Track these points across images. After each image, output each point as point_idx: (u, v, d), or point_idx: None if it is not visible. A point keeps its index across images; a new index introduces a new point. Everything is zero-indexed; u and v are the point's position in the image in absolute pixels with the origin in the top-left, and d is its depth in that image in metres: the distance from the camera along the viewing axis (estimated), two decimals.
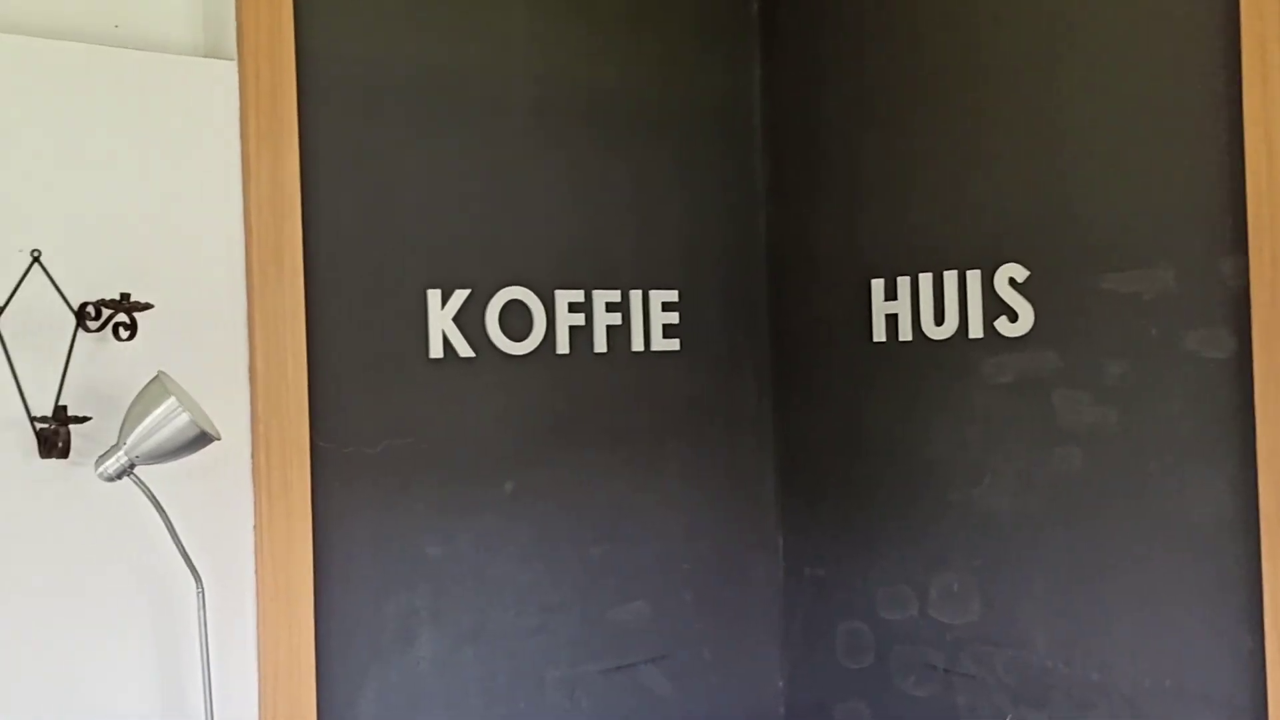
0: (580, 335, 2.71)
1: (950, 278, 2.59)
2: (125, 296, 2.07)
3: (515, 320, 2.61)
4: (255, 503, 2.26)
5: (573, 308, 2.69)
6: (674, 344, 2.84)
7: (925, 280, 2.64)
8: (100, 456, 1.96)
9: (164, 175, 2.17)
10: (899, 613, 2.72)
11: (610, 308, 2.75)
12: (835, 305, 2.85)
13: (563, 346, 2.68)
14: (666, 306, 2.83)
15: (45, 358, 2.03)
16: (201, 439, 1.96)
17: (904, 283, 2.68)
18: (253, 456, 2.26)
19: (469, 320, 2.55)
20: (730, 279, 2.96)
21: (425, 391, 2.49)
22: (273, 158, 2.29)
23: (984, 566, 2.54)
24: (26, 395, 2.01)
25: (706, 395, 2.90)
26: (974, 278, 2.54)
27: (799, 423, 2.96)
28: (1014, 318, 2.47)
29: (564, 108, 2.70)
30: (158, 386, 1.95)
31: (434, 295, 2.50)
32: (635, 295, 2.79)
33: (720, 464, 2.92)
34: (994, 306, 2.50)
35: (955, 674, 2.61)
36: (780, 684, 3.00)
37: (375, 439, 2.42)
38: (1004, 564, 2.51)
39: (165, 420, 1.93)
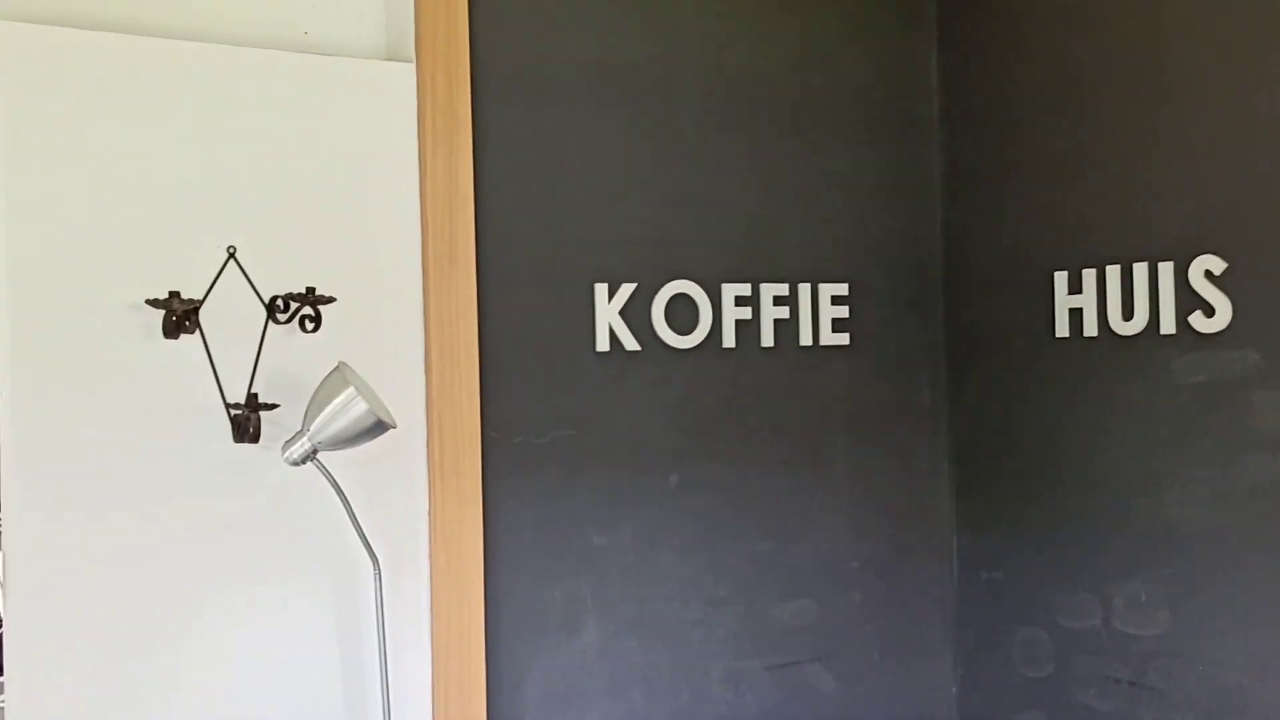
0: (747, 329, 2.69)
1: (1140, 270, 2.45)
2: (311, 290, 2.18)
3: (681, 314, 2.62)
4: (429, 489, 2.34)
5: (739, 301, 2.68)
6: (843, 338, 2.79)
7: (1112, 273, 2.51)
8: (286, 442, 2.07)
9: (346, 174, 2.27)
10: (1081, 621, 2.60)
11: (778, 301, 2.72)
12: (1015, 299, 2.74)
13: (729, 340, 2.67)
14: (836, 300, 2.79)
15: (239, 348, 2.16)
16: (378, 427, 2.04)
17: (1089, 276, 2.55)
18: (427, 444, 2.34)
19: (635, 313, 2.57)
20: (903, 271, 2.88)
21: (591, 384, 2.53)
22: (448, 155, 2.37)
23: (1174, 577, 2.40)
24: (223, 383, 2.14)
25: (877, 391, 2.84)
26: (1166, 270, 2.39)
27: (974, 420, 2.86)
28: (1210, 313, 2.31)
29: (733, 98, 2.68)
30: (338, 376, 2.05)
31: (601, 289, 2.53)
32: (804, 288, 2.75)
33: (891, 462, 2.86)
34: (1188, 300, 2.35)
35: (1141, 688, 2.47)
36: (953, 689, 2.91)
37: (543, 429, 2.47)
38: (1195, 575, 2.36)
39: (345, 409, 2.02)
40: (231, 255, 2.17)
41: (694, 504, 2.63)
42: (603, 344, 2.53)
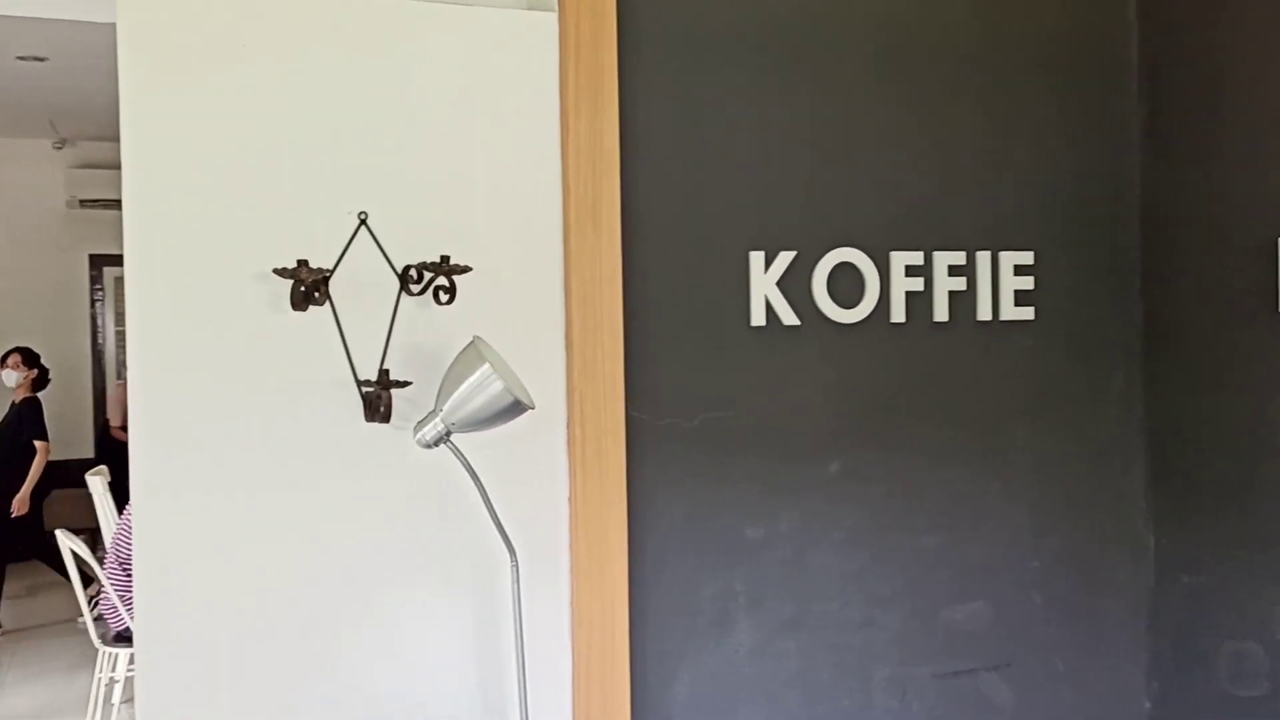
0: (918, 302, 2.43)
1: None
2: (445, 259, 2.03)
3: (845, 285, 2.38)
4: (570, 474, 2.17)
5: (910, 271, 2.42)
6: (1027, 312, 2.50)
7: None
8: (419, 423, 1.93)
9: (483, 133, 2.11)
10: None
11: (953, 271, 2.45)
12: (1229, 270, 2.40)
13: (898, 314, 2.41)
14: (1019, 270, 2.50)
15: (370, 320, 2.03)
16: (515, 408, 1.88)
17: None
18: (568, 426, 2.18)
19: (794, 285, 2.34)
20: (1096, 238, 2.57)
21: (746, 362, 2.31)
22: (591, 112, 2.18)
23: None
24: (353, 358, 2.01)
25: (1064, 371, 2.55)
26: None
27: (1176, 407, 2.54)
28: None
29: (905, 51, 2.42)
30: (473, 352, 1.89)
31: (757, 258, 2.31)
32: (982, 257, 2.47)
33: (1078, 451, 2.56)
34: None
35: None
36: (1146, 705, 2.60)
37: (692, 411, 2.27)
38: None
39: (480, 388, 1.86)
40: (363, 221, 2.03)
41: (857, 494, 2.39)
42: (758, 318, 2.31)
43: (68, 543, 4.26)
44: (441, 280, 2.03)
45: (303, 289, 1.92)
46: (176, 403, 1.92)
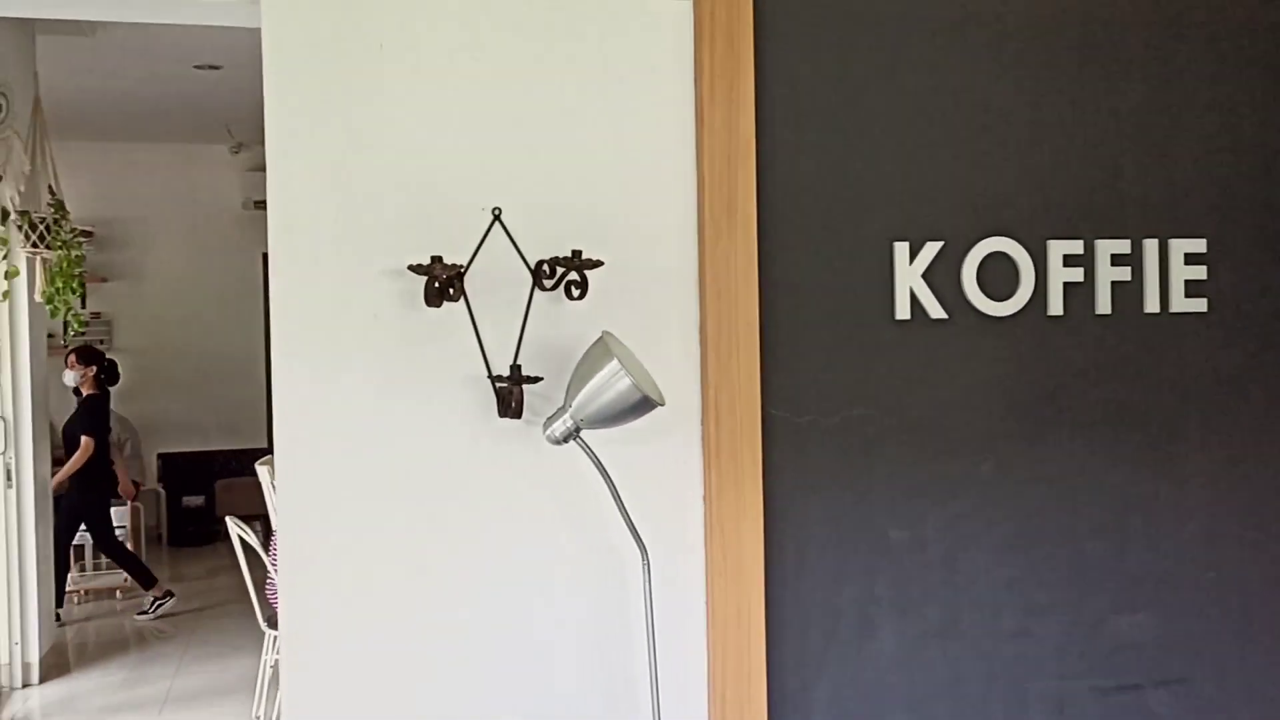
0: (1078, 293, 2.28)
1: None
2: (577, 254, 2.01)
3: (997, 276, 2.25)
4: (704, 473, 2.13)
5: (1069, 261, 2.28)
6: (1199, 304, 2.32)
7: None
8: (548, 418, 1.92)
9: (616, 124, 2.08)
10: None
11: (1117, 260, 2.29)
12: None
13: (1055, 307, 2.27)
14: (1191, 259, 2.32)
15: (503, 316, 2.02)
16: (644, 404, 1.84)
17: None
18: (702, 423, 2.13)
19: (942, 276, 2.23)
20: (1276, 224, 2.36)
21: (889, 357, 2.22)
22: (727, 100, 2.12)
23: None
24: (487, 353, 2.01)
25: (1242, 367, 2.35)
26: None
27: None
28: None
29: (1059, 17, 2.27)
30: (602, 348, 1.86)
31: (901, 248, 2.21)
32: (1149, 245, 2.30)
33: (1259, 453, 2.36)
34: None
35: None
36: None
37: (832, 408, 2.19)
38: None
39: (608, 384, 1.83)
40: (497, 217, 2.03)
41: (1011, 496, 2.27)
42: (903, 311, 2.21)
43: (235, 529, 4.45)
44: (573, 275, 2.00)
45: (437, 285, 1.93)
46: (317, 397, 1.96)
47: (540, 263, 2.02)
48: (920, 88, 2.22)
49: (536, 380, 1.99)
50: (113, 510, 6.79)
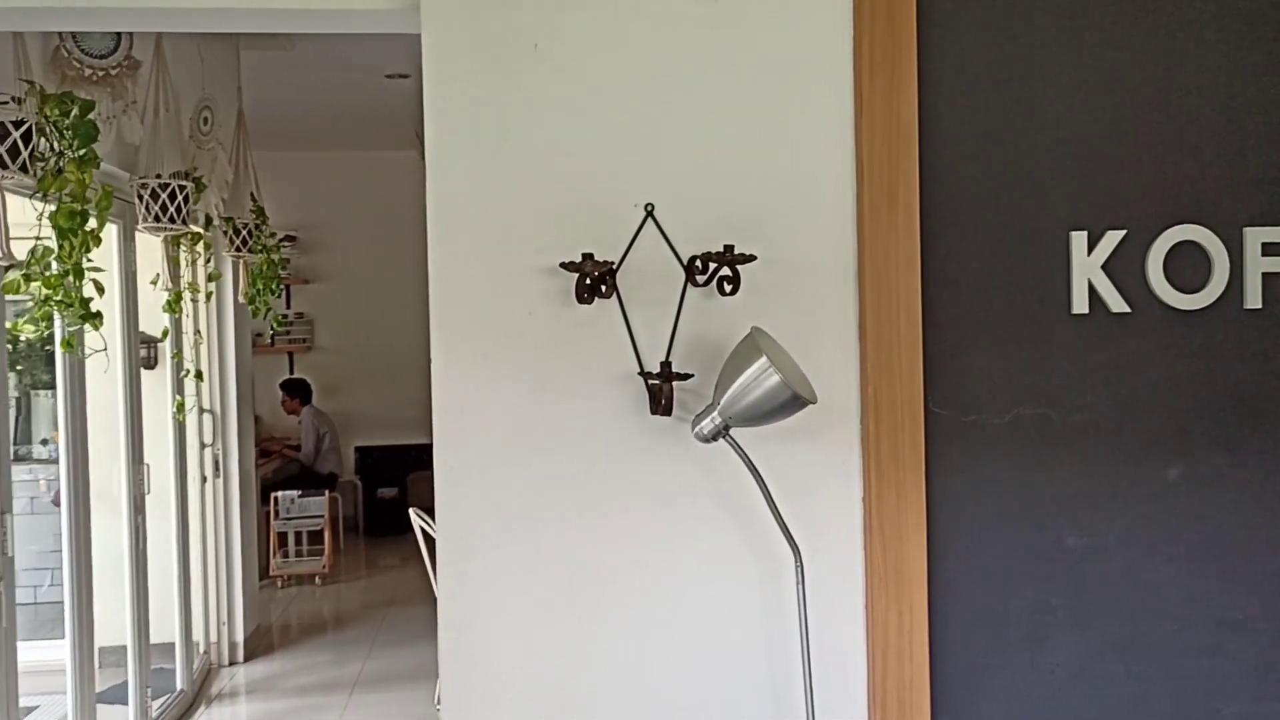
0: (1279, 285, 2.10)
1: None
2: (729, 249, 1.97)
3: (1186, 266, 2.09)
4: (863, 474, 2.05)
5: (1268, 250, 2.09)
6: None
7: None
8: (697, 416, 1.89)
9: (771, 114, 2.03)
10: None
11: None
12: None
13: (1253, 299, 2.09)
14: None
15: (655, 312, 2.01)
16: (795, 402, 1.79)
17: None
18: (861, 422, 2.06)
19: (1124, 267, 2.08)
20: None
21: (1065, 353, 2.09)
22: (888, 86, 2.05)
23: None
24: (640, 349, 2.00)
25: None
26: None
27: None
28: None
29: None
30: (750, 344, 1.82)
31: (1078, 238, 2.08)
32: None
33: None
34: None
35: None
36: None
37: (1002, 407, 2.08)
38: None
39: (757, 381, 1.79)
40: (649, 213, 2.01)
41: (1202, 503, 2.10)
42: (1080, 304, 2.08)
43: (417, 520, 4.62)
44: (725, 270, 1.97)
45: (588, 282, 1.93)
46: (474, 394, 1.99)
47: (693, 258, 2.00)
48: (1101, 66, 2.09)
49: (687, 377, 1.96)
50: (313, 500, 7.17)
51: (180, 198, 3.80)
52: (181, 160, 3.93)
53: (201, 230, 4.55)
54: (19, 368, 5.81)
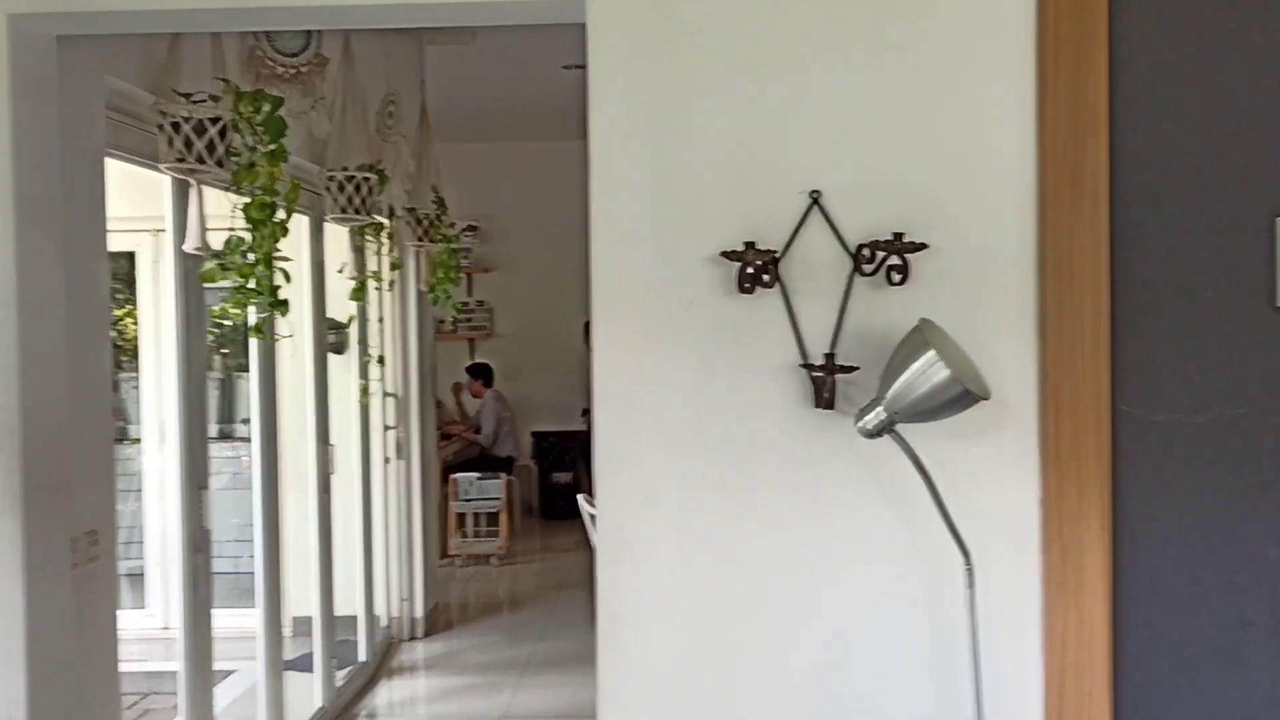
0: None
1: None
2: (898, 237, 1.90)
3: None
4: (1041, 474, 1.95)
5: None
6: None
7: None
8: (861, 410, 1.83)
9: (944, 96, 1.94)
10: None
11: None
12: None
13: None
14: None
15: (820, 302, 1.95)
16: (965, 398, 1.71)
17: None
18: (1040, 419, 1.95)
19: None
20: None
21: (1270, 348, 1.92)
22: (1074, 63, 1.93)
23: None
24: (804, 341, 1.95)
25: None
26: None
27: None
28: None
29: None
30: (918, 337, 1.75)
31: None
32: None
33: None
34: None
35: None
36: None
37: (1196, 405, 1.93)
38: None
39: (925, 375, 1.72)
40: (815, 201, 1.96)
41: None
42: None
43: (586, 507, 4.67)
44: (894, 259, 1.90)
45: (750, 271, 1.90)
46: (633, 383, 1.98)
47: (860, 246, 1.93)
48: None
49: (852, 370, 1.90)
50: (490, 482, 7.37)
51: (365, 189, 3.95)
52: (367, 153, 4.08)
53: (385, 220, 4.72)
54: (224, 351, 6.18)
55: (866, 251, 1.93)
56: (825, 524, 1.98)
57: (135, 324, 5.41)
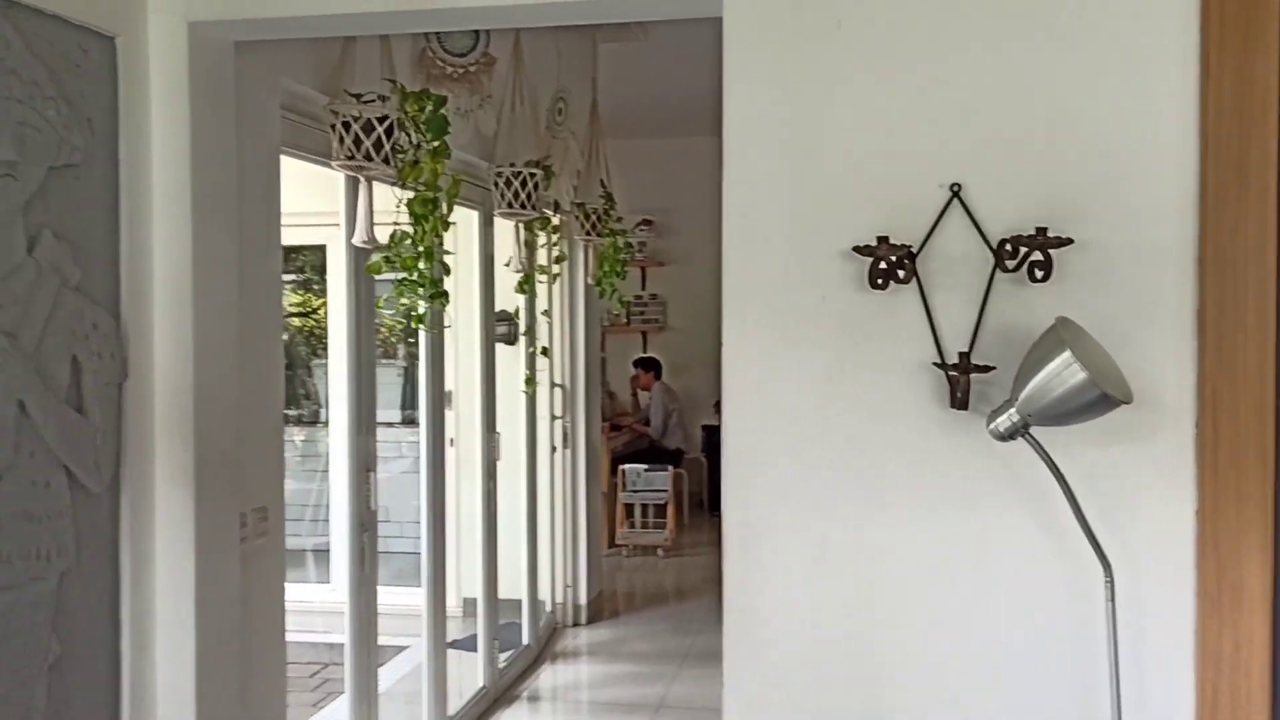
0: None
1: None
2: (1041, 231, 1.82)
3: None
4: (1197, 483, 1.83)
5: None
6: None
7: None
8: (993, 411, 1.76)
9: (1093, 83, 1.85)
10: None
11: None
12: None
13: None
14: None
15: (957, 299, 1.90)
16: (1103, 402, 1.63)
17: None
18: (1197, 426, 1.83)
19: None
20: None
21: None
22: (1240, 45, 1.80)
23: None
24: (941, 339, 1.90)
25: None
26: None
27: None
28: None
29: None
30: (1054, 337, 1.67)
31: None
32: None
33: None
34: None
35: None
36: None
37: None
38: None
39: (1060, 377, 1.64)
40: (955, 194, 1.90)
41: None
42: None
43: None
44: (1036, 255, 1.82)
45: (883, 266, 1.86)
46: (764, 379, 1.97)
47: (1002, 241, 1.86)
48: None
49: (987, 369, 1.84)
50: (658, 474, 7.45)
51: (531, 185, 4.05)
52: (536, 149, 4.18)
53: (551, 215, 4.82)
54: (410, 340, 6.45)
55: (1009, 247, 1.86)
56: (963, 528, 1.92)
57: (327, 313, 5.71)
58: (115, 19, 2.16)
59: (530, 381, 5.03)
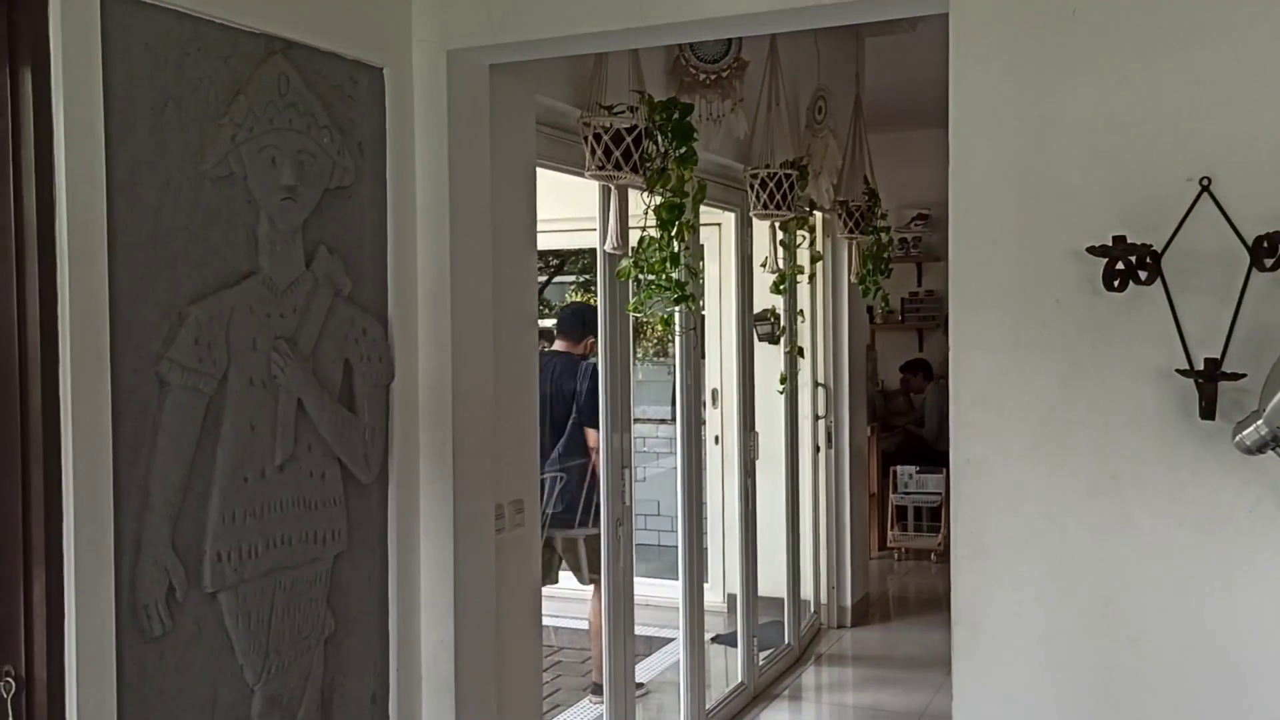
0: None
1: None
2: None
3: None
4: None
5: None
6: None
7: None
8: (1239, 423, 1.63)
9: None
10: None
11: None
12: None
13: None
14: None
15: (1206, 300, 1.76)
16: None
17: None
18: None
19: None
20: None
21: None
22: None
23: None
24: (1189, 344, 1.77)
25: None
26: None
27: None
28: None
29: None
30: None
31: None
32: None
33: None
34: None
35: None
36: None
37: None
38: None
39: None
40: (1205, 188, 1.76)
41: None
42: None
43: None
44: None
45: (1118, 267, 1.75)
46: (993, 384, 1.91)
47: (1259, 239, 1.72)
48: None
49: (1237, 377, 1.70)
50: (930, 476, 7.25)
51: (786, 185, 4.06)
52: (793, 149, 4.19)
53: (808, 214, 4.80)
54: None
55: (1267, 244, 1.71)
56: (1216, 545, 1.79)
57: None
58: (383, 51, 2.36)
59: (785, 380, 5.02)
